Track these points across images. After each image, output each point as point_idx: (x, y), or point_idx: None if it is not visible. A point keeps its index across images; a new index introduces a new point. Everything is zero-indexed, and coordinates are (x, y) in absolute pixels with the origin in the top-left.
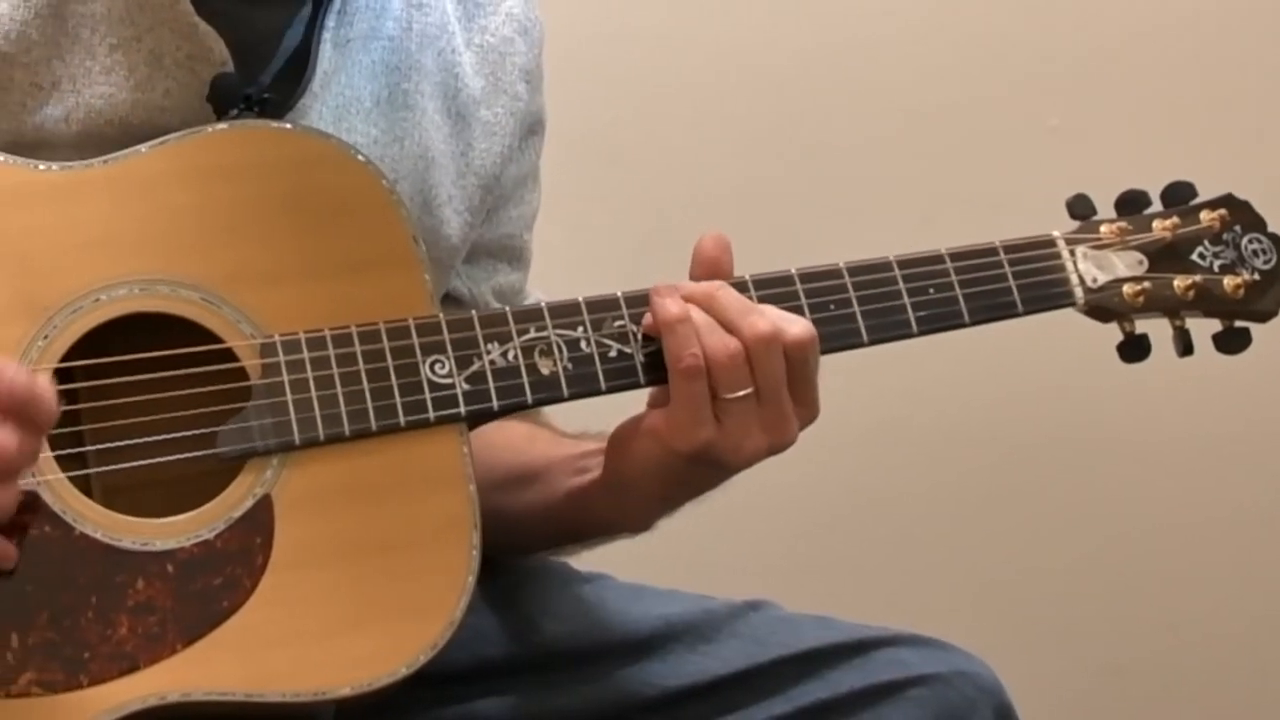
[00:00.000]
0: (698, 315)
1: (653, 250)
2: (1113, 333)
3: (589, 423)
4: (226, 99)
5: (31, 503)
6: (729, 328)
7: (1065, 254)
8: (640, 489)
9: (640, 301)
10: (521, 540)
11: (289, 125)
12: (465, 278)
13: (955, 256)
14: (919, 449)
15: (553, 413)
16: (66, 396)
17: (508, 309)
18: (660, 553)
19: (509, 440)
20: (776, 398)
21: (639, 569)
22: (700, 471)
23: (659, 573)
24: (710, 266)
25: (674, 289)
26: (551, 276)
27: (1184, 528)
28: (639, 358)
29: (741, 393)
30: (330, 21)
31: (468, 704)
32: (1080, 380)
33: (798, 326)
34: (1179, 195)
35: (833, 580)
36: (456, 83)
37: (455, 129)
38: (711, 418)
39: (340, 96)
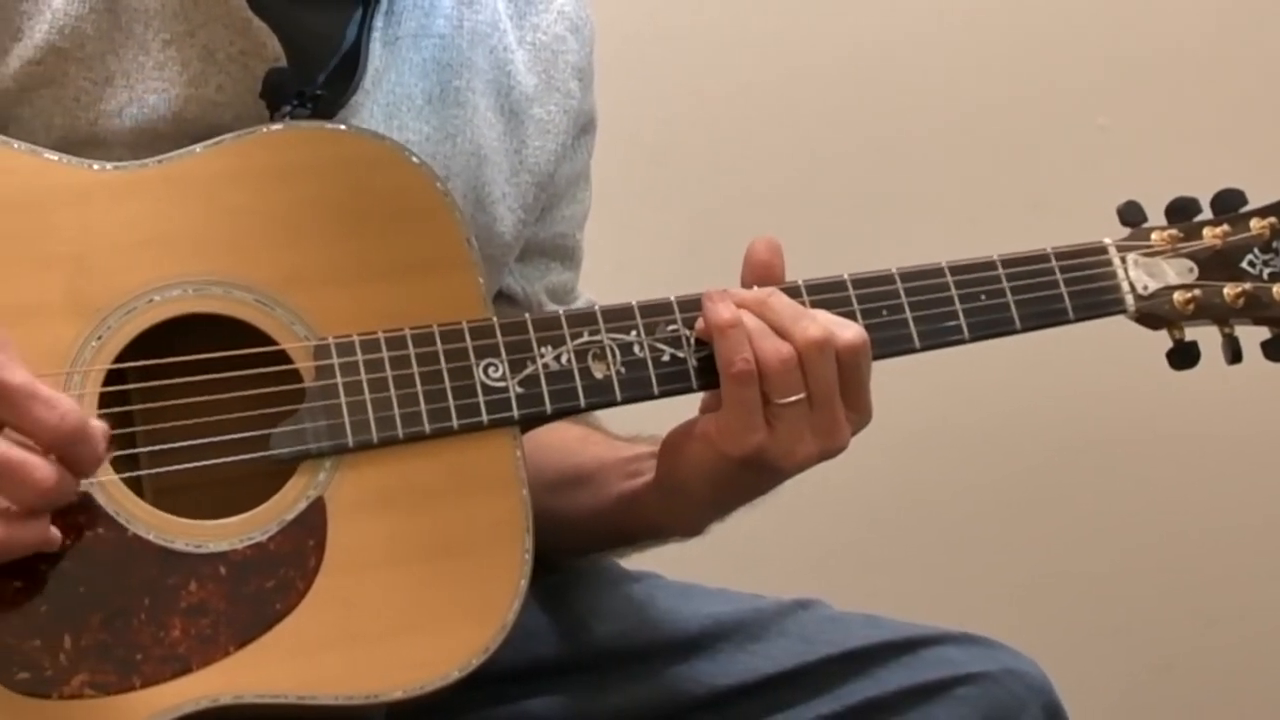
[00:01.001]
0: (750, 320)
1: (702, 252)
2: (1160, 338)
3: (643, 426)
4: (280, 94)
5: (85, 504)
6: (781, 333)
7: (1116, 261)
8: (692, 493)
9: (693, 305)
10: (573, 542)
11: (343, 126)
12: (519, 276)
13: (1007, 263)
14: (967, 449)
15: (606, 415)
16: (119, 397)
17: (561, 312)
18: (709, 552)
19: (561, 442)
20: (829, 403)
21: (688, 568)
22: (752, 476)
23: (708, 572)
24: (762, 270)
25: (726, 294)
26: (600, 278)
27: (1229, 527)
28: (692, 362)
29: (794, 398)
30: (379, 20)
31: (519, 704)
32: (1125, 382)
33: (850, 331)
34: (1229, 203)
35: (881, 579)
36: (509, 80)
37: (508, 126)
38: (763, 423)
39: (391, 94)
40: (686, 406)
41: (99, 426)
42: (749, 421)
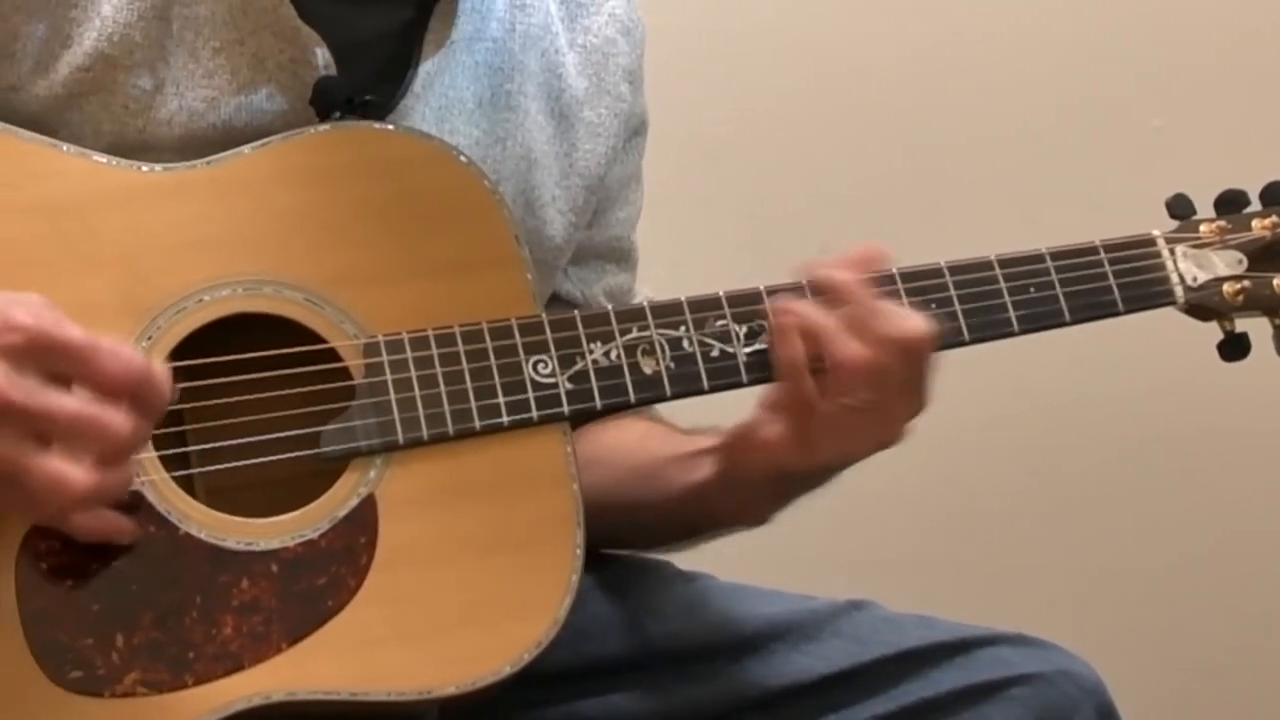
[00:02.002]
0: (819, 319)
1: (750, 249)
2: (1212, 331)
3: (697, 418)
4: (329, 102)
5: (136, 503)
6: (857, 332)
7: (1165, 253)
8: (756, 485)
9: (742, 301)
10: (638, 537)
11: (391, 126)
12: (576, 280)
13: (1056, 255)
14: (1020, 450)
15: (666, 409)
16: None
17: (610, 308)
18: (763, 552)
19: (624, 438)
20: (891, 400)
21: (741, 569)
22: (813, 472)
23: (761, 572)
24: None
25: (829, 271)
26: (650, 278)
27: None
28: (741, 357)
29: (858, 400)
30: (434, 24)
31: (571, 703)
32: (1177, 378)
33: (920, 328)
34: (1278, 195)
35: (935, 580)
36: (560, 83)
37: (559, 130)
38: (830, 421)
39: (443, 98)
40: (743, 399)
41: (162, 369)
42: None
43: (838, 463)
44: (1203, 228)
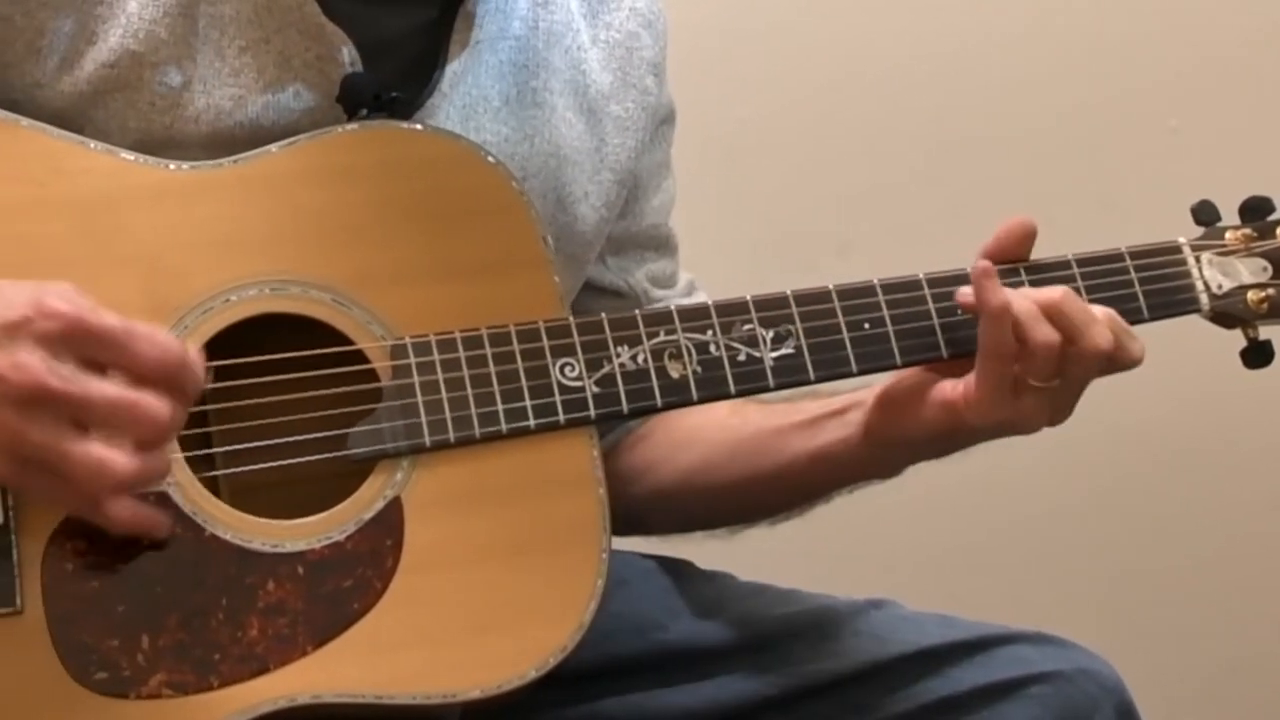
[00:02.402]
0: (1021, 305)
1: (776, 253)
2: (1236, 339)
3: None
4: (357, 99)
5: (162, 504)
6: (1072, 331)
7: (1191, 260)
8: (912, 447)
9: (769, 305)
10: (750, 510)
11: (419, 126)
12: (616, 270)
13: (1082, 262)
14: (1040, 450)
15: None
16: None
17: (637, 312)
18: (783, 552)
19: (718, 421)
20: (1075, 389)
21: (762, 568)
22: (981, 438)
23: (781, 571)
24: (1013, 248)
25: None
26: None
27: None
28: (768, 361)
29: (1046, 385)
30: (459, 23)
31: (593, 703)
32: (1198, 384)
33: (1138, 345)
34: None
35: (954, 579)
36: (585, 79)
37: (588, 125)
38: (1013, 399)
39: (468, 96)
40: None
41: (197, 354)
42: (1002, 397)
43: (1014, 432)
44: (1228, 235)
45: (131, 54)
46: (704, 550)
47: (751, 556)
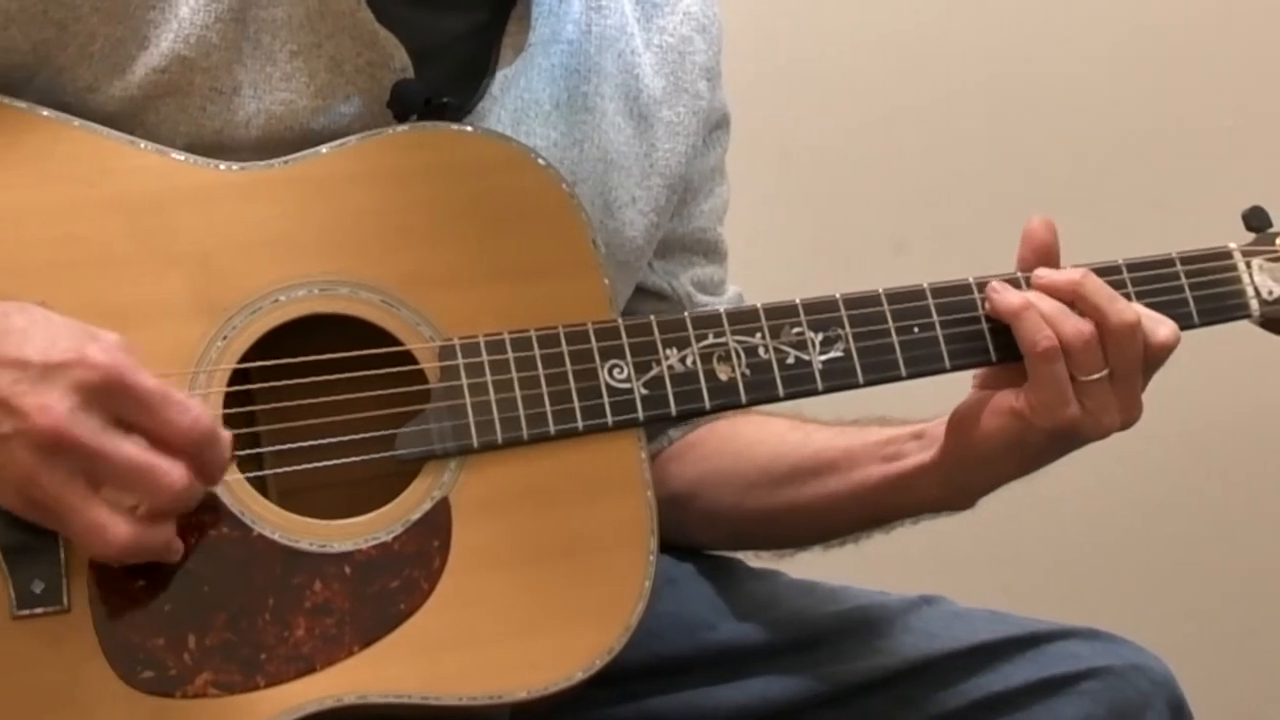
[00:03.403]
0: (1044, 302)
1: (828, 256)
2: None
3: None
4: (408, 105)
5: (210, 504)
6: (1095, 313)
7: (1241, 266)
8: (988, 465)
9: (818, 308)
10: (808, 531)
11: (469, 128)
12: (662, 273)
13: (1133, 267)
14: (1092, 447)
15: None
16: (244, 397)
17: (686, 314)
18: (833, 551)
19: (779, 435)
20: (1131, 378)
21: (812, 565)
22: (1054, 446)
23: (832, 568)
24: (1043, 250)
25: (1039, 274)
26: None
27: None
28: (817, 365)
29: (1097, 375)
30: (511, 27)
31: (641, 701)
32: (1257, 387)
33: (1165, 328)
34: None
35: (1005, 575)
36: (637, 84)
37: (638, 130)
38: (1074, 397)
39: (519, 100)
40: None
41: (227, 435)
42: (1061, 396)
43: (1088, 433)
44: (1279, 241)
45: (182, 59)
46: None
47: (801, 555)
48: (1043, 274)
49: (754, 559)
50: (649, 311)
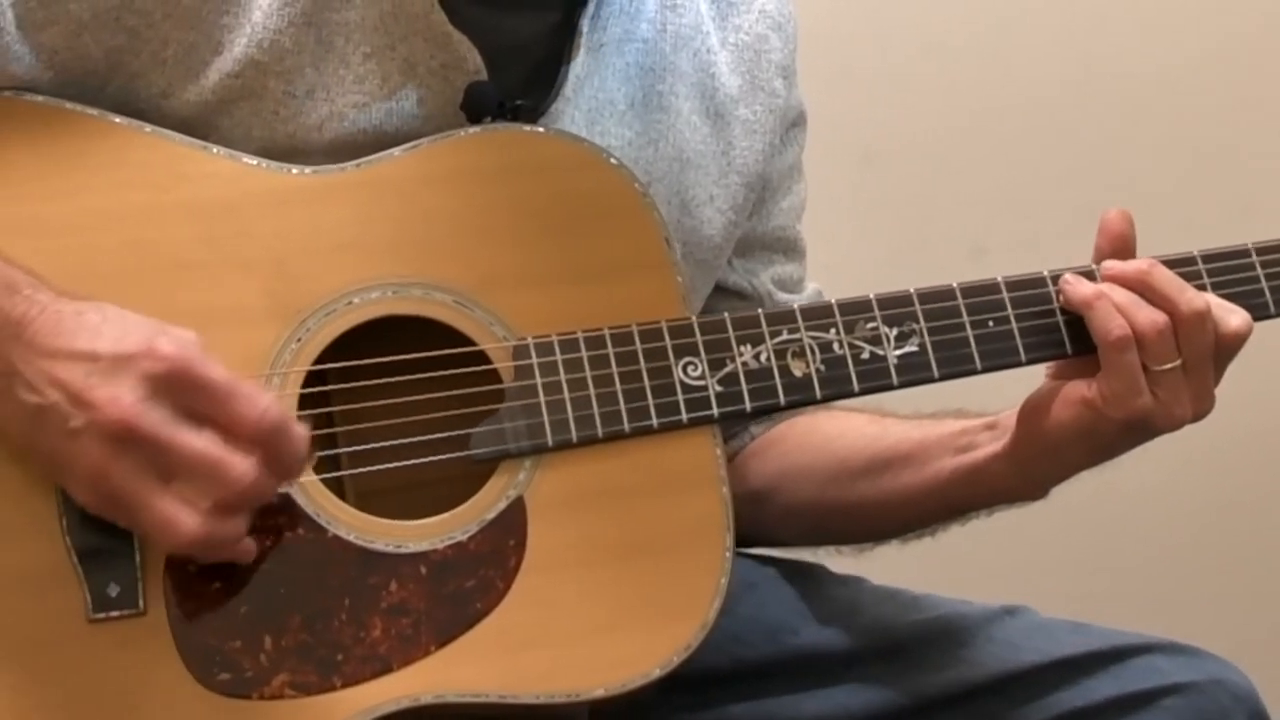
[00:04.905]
0: (1118, 293)
1: (903, 251)
2: None
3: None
4: (481, 107)
5: (285, 505)
6: (1166, 302)
7: None
8: (1059, 455)
9: (892, 303)
10: (885, 524)
11: (542, 129)
12: (742, 271)
13: (1208, 258)
14: (1177, 457)
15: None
16: (319, 399)
17: (760, 311)
18: (917, 556)
19: (858, 429)
20: (1202, 368)
21: (896, 573)
22: (1126, 437)
23: (916, 576)
24: (1119, 242)
25: (1108, 266)
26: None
27: None
28: (892, 360)
29: (1169, 365)
30: (584, 26)
31: (722, 707)
32: None
33: (1237, 317)
34: None
35: (1089, 586)
36: (713, 83)
37: (714, 129)
38: (1146, 387)
39: (593, 100)
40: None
41: (301, 430)
42: (1133, 385)
43: (1161, 424)
44: None
45: (256, 63)
46: (835, 554)
47: (884, 561)
48: (1111, 265)
49: (835, 562)
50: (730, 310)
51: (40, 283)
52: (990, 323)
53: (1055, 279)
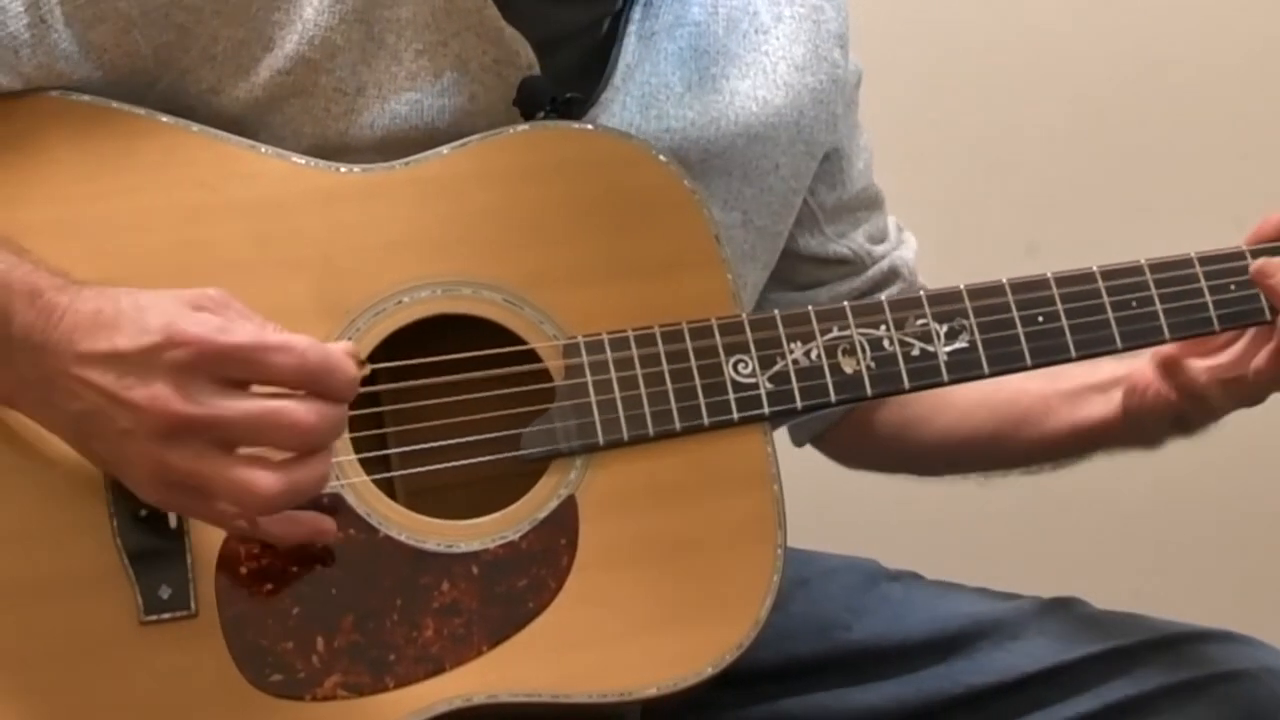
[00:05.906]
0: None
1: (963, 253)
2: None
3: None
4: (535, 102)
5: (336, 506)
6: None
7: None
8: (1195, 415)
9: (942, 300)
10: (997, 464)
11: (590, 126)
12: (837, 238)
13: (1257, 254)
14: (1231, 447)
15: None
16: (369, 399)
17: (810, 309)
18: (969, 549)
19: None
20: None
21: (948, 566)
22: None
23: (968, 569)
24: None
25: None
26: None
27: None
28: (942, 356)
29: None
30: (636, 14)
31: (774, 702)
32: None
33: None
34: None
35: (1141, 577)
36: (770, 59)
37: (784, 98)
38: None
39: (645, 86)
40: None
41: (342, 350)
42: None
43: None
44: None
45: (306, 60)
46: (889, 549)
47: (937, 556)
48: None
49: (890, 558)
50: (835, 279)
51: (65, 283)
52: (1040, 318)
53: (1105, 275)
